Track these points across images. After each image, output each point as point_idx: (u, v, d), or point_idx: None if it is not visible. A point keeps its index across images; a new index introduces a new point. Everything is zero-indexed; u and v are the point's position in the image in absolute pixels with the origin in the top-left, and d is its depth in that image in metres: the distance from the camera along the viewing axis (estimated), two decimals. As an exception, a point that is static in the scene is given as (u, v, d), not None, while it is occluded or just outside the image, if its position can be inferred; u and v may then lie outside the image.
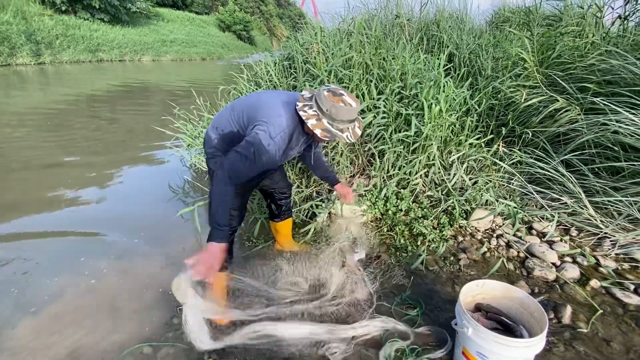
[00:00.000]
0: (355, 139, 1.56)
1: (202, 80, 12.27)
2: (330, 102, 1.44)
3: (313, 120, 1.46)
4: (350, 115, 1.47)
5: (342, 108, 1.44)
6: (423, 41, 4.11)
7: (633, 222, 2.31)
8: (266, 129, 1.45)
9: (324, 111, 1.45)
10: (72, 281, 2.10)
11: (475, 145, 2.90)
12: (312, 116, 1.46)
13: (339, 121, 1.46)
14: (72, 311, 1.88)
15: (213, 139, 1.69)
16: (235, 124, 1.61)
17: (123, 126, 5.94)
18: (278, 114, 1.50)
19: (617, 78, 2.59)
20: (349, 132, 1.50)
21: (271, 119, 1.48)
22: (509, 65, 3.11)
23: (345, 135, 1.49)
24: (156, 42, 20.14)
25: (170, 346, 1.63)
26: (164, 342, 1.66)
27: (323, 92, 1.47)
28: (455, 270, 2.16)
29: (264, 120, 1.48)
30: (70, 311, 1.88)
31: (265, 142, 1.45)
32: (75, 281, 2.11)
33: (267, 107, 1.54)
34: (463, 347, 1.39)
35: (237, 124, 1.61)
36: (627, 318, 1.76)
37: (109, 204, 3.19)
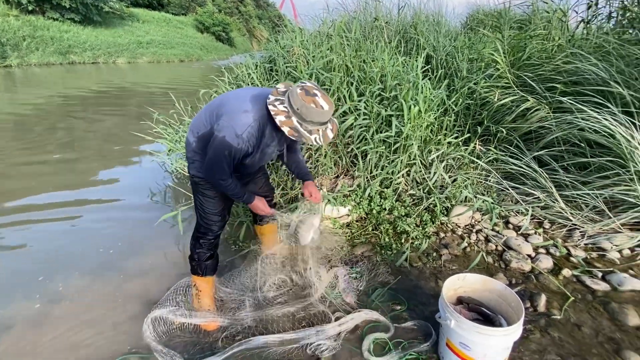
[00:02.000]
0: (325, 143, 1.51)
1: (181, 83, 12.04)
2: (302, 101, 1.38)
3: (282, 116, 1.40)
4: (321, 117, 1.41)
5: (312, 109, 1.38)
6: (401, 43, 4.21)
7: (599, 214, 2.46)
8: (231, 128, 1.42)
9: (294, 109, 1.40)
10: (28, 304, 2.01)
11: (454, 144, 3.00)
12: (282, 112, 1.40)
13: (308, 122, 1.40)
14: (50, 326, 1.84)
15: (191, 142, 1.65)
16: (209, 124, 1.56)
17: (98, 131, 5.73)
18: (244, 110, 1.44)
19: (582, 79, 2.76)
20: (318, 135, 1.43)
21: (235, 117, 1.43)
22: (482, 67, 3.25)
23: (314, 137, 1.42)
24: (131, 43, 19.57)
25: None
26: (149, 354, 1.64)
27: (296, 89, 1.41)
28: (438, 265, 2.24)
29: (227, 120, 1.43)
30: (48, 326, 1.84)
31: (234, 141, 1.42)
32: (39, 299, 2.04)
33: (232, 106, 1.48)
34: (447, 339, 1.45)
35: (209, 123, 1.55)
36: (596, 304, 1.88)
37: (85, 213, 3.08)
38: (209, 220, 1.73)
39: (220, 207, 1.74)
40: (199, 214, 1.75)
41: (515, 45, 3.32)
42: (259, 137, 1.50)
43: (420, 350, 1.59)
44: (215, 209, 1.72)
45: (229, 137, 1.42)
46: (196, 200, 1.73)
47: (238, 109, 1.46)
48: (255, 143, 1.50)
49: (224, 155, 1.45)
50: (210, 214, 1.72)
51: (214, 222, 1.74)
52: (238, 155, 1.48)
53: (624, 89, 2.46)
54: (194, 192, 1.74)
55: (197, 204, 1.74)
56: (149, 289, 2.10)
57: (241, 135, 1.42)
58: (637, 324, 1.72)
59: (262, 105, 1.48)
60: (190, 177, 1.71)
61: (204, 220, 1.74)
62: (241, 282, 2.05)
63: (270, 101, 1.44)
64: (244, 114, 1.44)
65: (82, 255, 2.44)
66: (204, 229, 1.76)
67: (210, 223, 1.74)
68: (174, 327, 1.77)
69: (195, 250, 1.79)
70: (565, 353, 1.57)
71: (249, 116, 1.44)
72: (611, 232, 2.38)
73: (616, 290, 1.96)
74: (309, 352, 1.60)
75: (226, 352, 1.61)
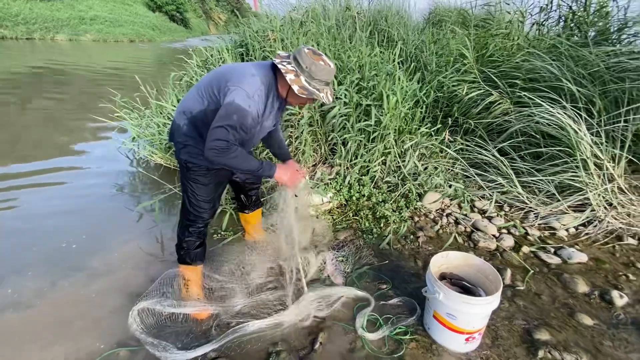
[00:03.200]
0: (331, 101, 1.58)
1: (135, 65, 11.15)
2: (311, 59, 1.43)
3: (292, 75, 1.42)
4: (328, 76, 1.47)
5: (321, 67, 1.43)
6: (373, 35, 4.31)
7: (550, 197, 2.78)
8: (242, 90, 1.39)
9: (303, 68, 1.43)
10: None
11: (425, 134, 3.18)
12: (291, 71, 1.43)
13: (317, 80, 1.45)
14: (29, 326, 1.70)
15: (182, 126, 1.58)
16: (205, 99, 1.51)
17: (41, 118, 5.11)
18: (251, 74, 1.45)
19: (538, 76, 3.06)
20: (324, 94, 1.49)
21: (244, 80, 1.42)
22: (451, 61, 3.44)
23: (322, 95, 1.47)
24: (72, 18, 17.67)
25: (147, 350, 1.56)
26: (138, 346, 1.58)
27: (303, 49, 1.45)
28: (416, 247, 2.40)
29: (236, 84, 1.41)
30: (27, 326, 1.70)
31: (245, 103, 1.38)
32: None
33: (237, 71, 1.47)
34: (434, 311, 1.58)
35: (206, 98, 1.51)
36: (551, 275, 2.15)
37: (45, 207, 2.80)
38: (200, 207, 1.68)
39: (212, 194, 1.70)
40: (189, 201, 1.69)
41: (479, 42, 3.56)
42: (267, 105, 1.49)
43: (407, 323, 1.71)
44: (208, 195, 1.68)
45: (240, 99, 1.38)
46: (187, 186, 1.67)
47: (245, 73, 1.45)
48: (263, 111, 1.49)
49: (234, 120, 1.38)
50: (201, 201, 1.67)
51: (205, 209, 1.70)
52: (248, 121, 1.42)
53: (573, 86, 2.77)
54: (184, 178, 1.66)
55: (187, 190, 1.67)
56: (127, 282, 2.01)
57: (252, 96, 1.40)
58: (585, 290, 2.00)
59: (266, 70, 1.49)
60: (181, 163, 1.64)
61: (194, 208, 1.69)
62: (229, 270, 2.03)
63: (278, 62, 1.45)
64: (251, 77, 1.43)
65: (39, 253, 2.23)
66: (193, 216, 1.70)
67: (201, 211, 1.69)
68: (162, 318, 1.71)
69: (185, 239, 1.74)
70: (529, 318, 1.79)
71: (257, 79, 1.44)
72: (560, 213, 2.70)
73: (566, 263, 2.26)
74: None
75: (221, 339, 1.61)
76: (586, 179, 2.59)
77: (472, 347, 1.57)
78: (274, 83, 1.51)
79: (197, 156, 1.58)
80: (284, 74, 1.43)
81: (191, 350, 1.55)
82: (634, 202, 2.61)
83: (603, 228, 2.53)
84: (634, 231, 2.52)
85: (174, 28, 27.70)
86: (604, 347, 1.64)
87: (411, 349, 1.58)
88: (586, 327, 1.75)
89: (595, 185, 2.58)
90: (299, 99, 1.52)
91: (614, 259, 2.32)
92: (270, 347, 1.59)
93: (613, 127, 2.63)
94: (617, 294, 1.93)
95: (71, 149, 3.96)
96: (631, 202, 2.61)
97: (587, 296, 1.97)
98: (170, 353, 1.53)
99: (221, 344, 1.58)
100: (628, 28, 3.22)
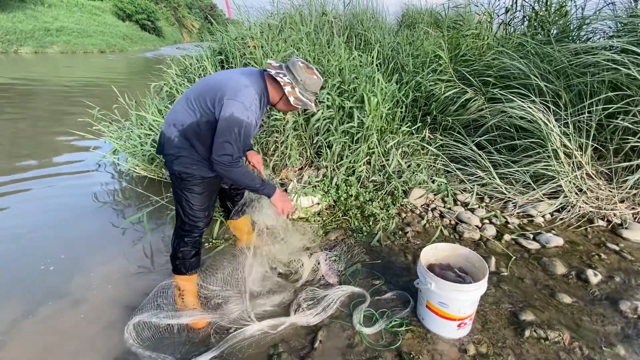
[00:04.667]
0: (317, 110, 1.72)
1: (105, 76, 10.84)
2: (306, 73, 1.54)
3: (289, 87, 1.52)
4: (318, 88, 1.61)
5: (314, 80, 1.57)
6: (350, 38, 4.41)
7: (526, 187, 2.94)
8: (239, 103, 1.44)
9: (298, 80, 1.54)
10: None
11: (407, 133, 3.29)
12: (288, 83, 1.53)
13: (309, 92, 1.58)
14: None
15: (173, 138, 1.58)
16: (196, 112, 1.52)
17: (10, 134, 4.84)
18: (244, 85, 1.49)
19: (509, 73, 3.23)
20: (314, 104, 1.63)
21: (239, 92, 1.46)
22: (427, 62, 3.58)
23: (313, 105, 1.61)
24: (37, 30, 16.97)
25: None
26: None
27: (297, 62, 1.55)
28: (405, 242, 2.48)
29: (232, 97, 1.45)
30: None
31: (244, 115, 1.44)
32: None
33: (231, 83, 1.50)
34: (427, 301, 1.65)
35: (197, 111, 1.51)
36: (532, 260, 2.27)
37: (20, 226, 2.69)
38: (195, 217, 1.68)
39: (206, 202, 1.71)
40: (184, 211, 1.68)
41: (452, 42, 3.73)
42: (262, 113, 1.58)
43: (402, 315, 1.78)
44: (203, 204, 1.68)
45: (238, 112, 1.43)
46: (181, 197, 1.66)
47: (239, 84, 1.49)
48: (259, 117, 1.56)
49: (235, 133, 1.44)
50: (197, 210, 1.67)
51: (200, 218, 1.70)
52: (248, 132, 1.48)
53: (541, 81, 2.95)
54: (178, 189, 1.66)
55: (181, 201, 1.67)
56: (119, 297, 1.97)
57: (250, 107, 1.45)
58: (563, 272, 2.13)
59: (257, 79, 1.56)
60: (174, 174, 1.63)
61: (189, 218, 1.68)
62: (223, 278, 2.03)
63: (274, 74, 1.52)
64: (246, 89, 1.48)
65: (15, 278, 2.12)
66: (189, 226, 1.70)
67: (196, 220, 1.69)
68: (159, 330, 1.70)
69: (180, 249, 1.74)
70: (515, 301, 1.89)
71: (252, 90, 1.49)
72: (536, 201, 2.86)
73: (545, 247, 2.40)
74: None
75: (220, 345, 1.62)
76: (557, 167, 2.76)
77: (464, 332, 1.65)
78: (265, 91, 1.57)
79: (190, 166, 1.59)
80: (282, 86, 1.51)
81: (191, 359, 1.55)
82: (601, 187, 2.80)
83: (575, 212, 2.70)
84: (603, 214, 2.70)
85: (145, 37, 27.09)
86: (583, 322, 1.76)
87: (407, 340, 1.64)
88: (566, 305, 1.87)
89: (566, 173, 2.76)
90: (290, 107, 1.61)
91: (587, 241, 2.49)
92: (271, 349, 1.61)
93: (579, 118, 2.82)
94: (592, 273, 2.07)
95: (46, 163, 3.82)
96: (599, 187, 2.80)
97: (565, 277, 2.10)
98: None
99: (221, 350, 1.59)
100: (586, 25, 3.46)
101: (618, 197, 2.74)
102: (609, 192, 2.78)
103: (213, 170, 1.53)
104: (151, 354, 1.58)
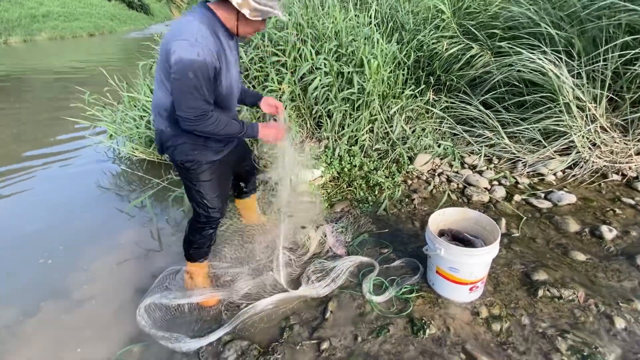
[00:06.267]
0: (286, 18, 1.40)
1: (96, 59, 10.56)
2: None
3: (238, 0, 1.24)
4: None
5: None
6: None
7: (536, 145, 2.83)
8: (182, 41, 1.21)
9: None
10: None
11: (410, 97, 3.14)
12: None
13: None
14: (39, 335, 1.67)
15: (165, 129, 1.45)
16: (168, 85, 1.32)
17: (5, 125, 4.71)
18: (186, 21, 1.27)
19: (517, 23, 3.01)
20: (278, 10, 1.30)
21: (179, 30, 1.24)
22: (429, 18, 3.35)
23: (277, 11, 1.30)
24: (23, 17, 16.39)
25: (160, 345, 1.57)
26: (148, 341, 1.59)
27: None
28: (412, 209, 2.43)
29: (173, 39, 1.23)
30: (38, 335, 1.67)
31: (192, 53, 1.19)
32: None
33: (171, 30, 1.30)
34: (437, 267, 1.62)
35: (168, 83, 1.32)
36: (543, 219, 2.22)
37: (22, 218, 2.67)
38: (211, 206, 1.58)
39: (218, 190, 1.59)
40: (197, 203, 1.59)
41: (454, -6, 3.47)
42: (217, 44, 1.29)
43: (412, 282, 1.76)
44: (214, 192, 1.57)
45: (185, 52, 1.19)
46: (190, 188, 1.57)
47: (179, 25, 1.27)
48: (218, 52, 1.28)
49: (191, 79, 1.21)
50: (209, 200, 1.57)
51: (214, 208, 1.59)
52: (205, 72, 1.23)
53: (552, 29, 2.74)
54: (186, 180, 1.56)
55: (191, 193, 1.58)
56: (129, 281, 1.99)
57: (196, 41, 1.20)
58: (576, 229, 2.08)
59: (201, 11, 1.30)
60: (179, 166, 1.52)
61: (202, 209, 1.59)
62: (231, 256, 2.03)
63: None
64: (187, 24, 1.25)
65: (22, 267, 2.14)
66: (204, 217, 1.61)
67: (210, 210, 1.59)
68: (171, 310, 1.72)
69: (196, 240, 1.68)
70: (527, 262, 1.86)
71: (193, 23, 1.24)
72: (547, 159, 2.76)
73: (557, 205, 2.33)
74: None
75: (232, 321, 1.63)
76: (570, 122, 2.62)
77: (476, 295, 1.63)
78: (216, 21, 1.31)
79: (191, 152, 1.47)
80: (230, 1, 1.23)
81: (204, 337, 1.56)
82: (616, 140, 2.68)
83: (588, 168, 2.60)
84: (618, 167, 2.60)
85: (134, 16, 26.07)
86: (598, 278, 1.72)
87: (418, 306, 1.63)
88: (580, 262, 1.83)
89: (579, 128, 2.63)
90: (252, 25, 1.34)
91: (600, 197, 2.41)
92: (282, 322, 1.62)
93: (593, 67, 2.64)
94: (606, 229, 2.01)
95: (43, 153, 3.77)
96: (613, 140, 2.68)
97: (579, 234, 2.05)
98: (184, 343, 1.54)
99: (233, 326, 1.60)
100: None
101: (634, 149, 2.62)
102: (624, 145, 2.66)
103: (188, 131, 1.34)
104: (164, 334, 1.59)
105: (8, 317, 1.77)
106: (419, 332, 1.48)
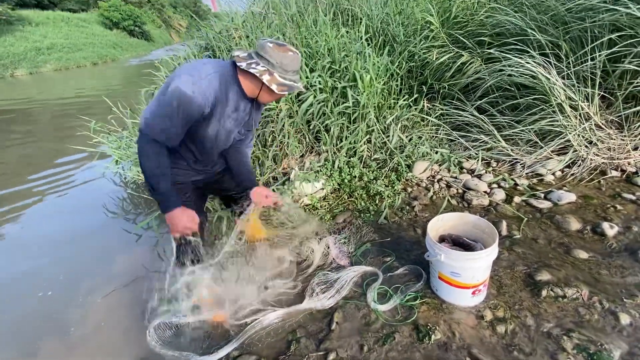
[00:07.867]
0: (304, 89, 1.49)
1: (101, 88, 10.87)
2: (279, 53, 1.34)
3: (267, 75, 1.34)
4: (298, 64, 1.41)
5: (291, 57, 1.37)
6: (337, 16, 4.27)
7: (533, 146, 2.86)
8: (187, 76, 1.26)
9: (274, 64, 1.35)
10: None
11: (405, 106, 3.21)
12: (264, 72, 1.34)
13: (290, 72, 1.39)
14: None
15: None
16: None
17: (15, 156, 4.87)
18: (202, 63, 1.34)
19: (504, 30, 3.09)
20: (299, 84, 1.43)
21: (192, 68, 1.29)
22: (418, 30, 3.45)
23: (299, 84, 1.41)
24: (29, 51, 17.03)
25: None
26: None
27: (267, 44, 1.35)
28: (413, 216, 2.45)
29: (181, 72, 1.28)
30: None
31: (188, 89, 1.24)
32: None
33: (186, 64, 1.37)
34: (439, 273, 1.64)
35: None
36: (544, 219, 2.23)
37: (33, 244, 2.76)
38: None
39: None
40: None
41: (441, 6, 3.57)
42: (221, 96, 1.34)
43: (416, 289, 1.77)
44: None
45: (183, 84, 1.24)
46: None
47: (195, 64, 1.32)
48: (214, 102, 1.33)
49: (172, 107, 1.24)
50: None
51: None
52: (190, 112, 1.27)
53: (538, 33, 2.81)
54: None
55: None
56: (138, 301, 2.02)
57: (200, 80, 1.26)
58: (577, 227, 2.09)
59: (223, 64, 1.37)
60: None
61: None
62: (236, 270, 2.06)
63: (245, 66, 1.34)
64: (202, 65, 1.31)
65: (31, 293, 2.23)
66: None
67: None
68: (180, 328, 1.75)
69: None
70: (529, 263, 1.87)
71: (209, 67, 1.31)
72: (544, 159, 2.78)
73: (557, 205, 2.34)
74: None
75: (240, 337, 1.65)
76: (564, 121, 2.66)
77: (479, 299, 1.64)
78: (234, 80, 1.39)
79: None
80: (259, 77, 1.33)
81: (213, 353, 1.58)
82: (612, 136, 2.70)
83: (587, 166, 2.62)
84: (616, 164, 2.61)
85: (135, 43, 26.92)
86: (602, 276, 1.73)
87: (423, 312, 1.64)
88: (583, 261, 1.83)
89: (574, 127, 2.66)
90: (275, 95, 1.44)
91: (600, 194, 2.42)
92: (289, 336, 1.64)
93: (581, 67, 2.69)
94: (608, 225, 2.02)
95: (51, 181, 3.88)
96: (609, 137, 2.70)
97: (580, 232, 2.06)
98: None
99: (241, 342, 1.63)
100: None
101: (631, 144, 2.64)
102: (620, 141, 2.68)
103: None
104: (174, 353, 1.62)
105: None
106: (425, 338, 1.50)
